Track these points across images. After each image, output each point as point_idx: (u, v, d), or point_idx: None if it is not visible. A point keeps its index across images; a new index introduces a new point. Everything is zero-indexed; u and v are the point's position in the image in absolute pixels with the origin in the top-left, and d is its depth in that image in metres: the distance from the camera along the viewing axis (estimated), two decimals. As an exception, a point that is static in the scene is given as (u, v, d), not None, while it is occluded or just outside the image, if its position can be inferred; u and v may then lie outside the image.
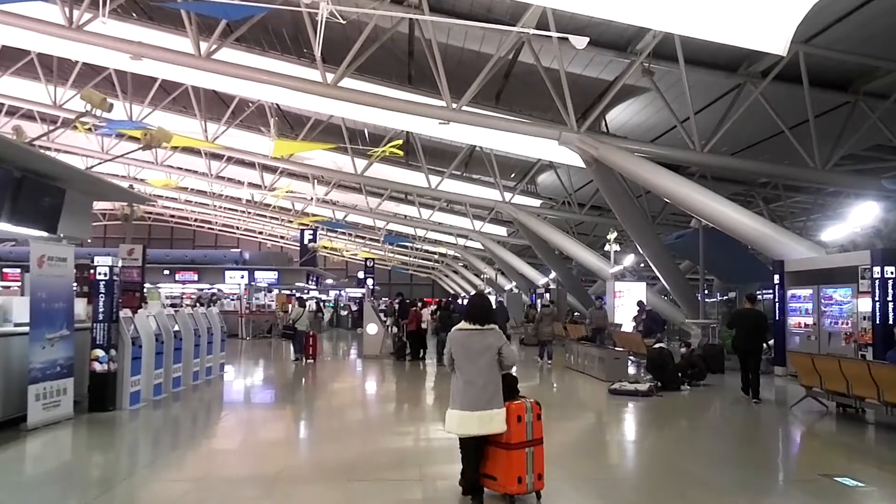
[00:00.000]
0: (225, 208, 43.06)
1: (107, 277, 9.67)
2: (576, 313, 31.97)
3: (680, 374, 13.12)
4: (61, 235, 9.93)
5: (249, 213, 42.80)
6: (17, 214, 8.79)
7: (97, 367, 9.43)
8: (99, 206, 56.59)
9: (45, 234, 9.53)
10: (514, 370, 7.57)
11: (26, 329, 8.42)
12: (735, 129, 15.56)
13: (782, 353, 14.49)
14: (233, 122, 23.09)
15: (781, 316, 14.89)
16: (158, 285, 27.64)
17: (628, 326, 20.02)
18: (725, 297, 24.84)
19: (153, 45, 14.58)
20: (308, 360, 17.72)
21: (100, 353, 9.45)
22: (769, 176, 21.23)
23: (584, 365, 15.49)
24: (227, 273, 32.17)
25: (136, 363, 10.06)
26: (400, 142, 20.81)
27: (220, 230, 58.29)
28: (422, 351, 19.15)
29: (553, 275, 31.58)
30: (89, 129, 24.08)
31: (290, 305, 24.82)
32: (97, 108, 8.84)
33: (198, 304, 22.07)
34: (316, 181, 31.00)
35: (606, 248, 23.13)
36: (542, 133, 15.81)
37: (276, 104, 22.58)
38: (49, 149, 26.29)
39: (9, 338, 8.54)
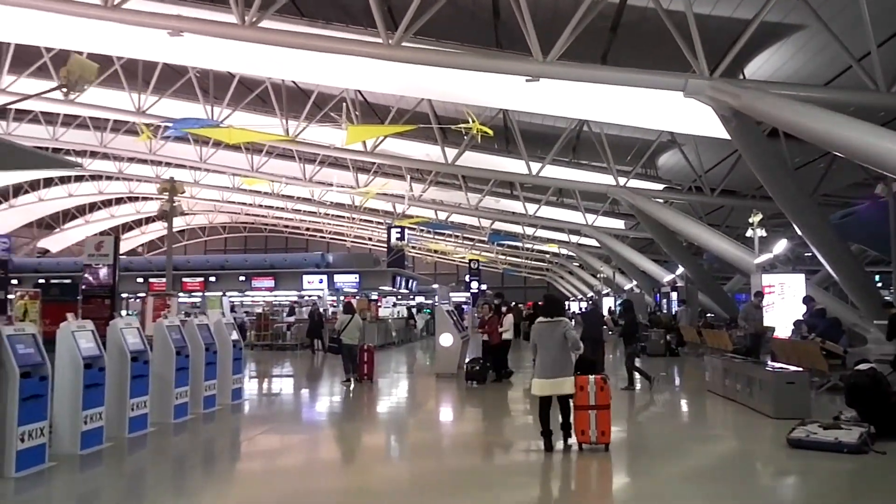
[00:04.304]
0: (321, 213, 42.22)
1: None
2: (708, 314, 28.17)
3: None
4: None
5: (348, 217, 41.84)
6: None
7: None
8: (219, 219, 58.55)
9: None
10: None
11: None
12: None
13: None
14: (313, 119, 21.46)
15: None
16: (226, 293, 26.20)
17: (784, 330, 16.09)
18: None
19: (193, 17, 12.86)
20: (359, 382, 14.30)
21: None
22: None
23: (735, 389, 11.26)
24: (305, 277, 30.26)
25: (93, 393, 7.73)
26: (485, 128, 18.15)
27: (309, 236, 58.00)
28: (504, 369, 15.11)
29: (680, 270, 27.83)
30: (153, 134, 23.10)
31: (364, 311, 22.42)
32: (82, 82, 6.67)
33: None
34: (411, 178, 28.99)
35: (748, 233, 19.26)
36: (661, 84, 12.52)
37: (358, 91, 20.67)
38: None
39: None
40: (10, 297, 9.01)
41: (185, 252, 58.64)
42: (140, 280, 29.43)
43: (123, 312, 24.20)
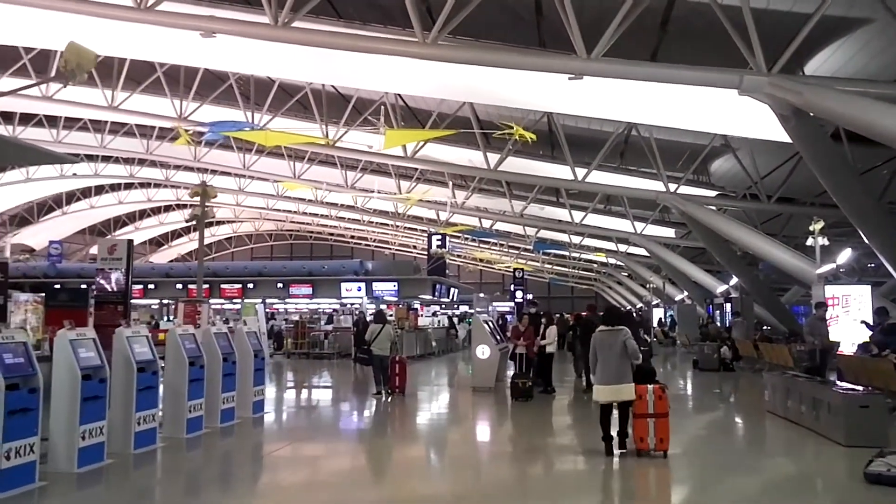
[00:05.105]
0: (364, 221, 42.11)
1: None
2: (765, 327, 26.87)
3: None
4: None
5: (392, 224, 41.66)
6: None
7: None
8: (266, 226, 59.21)
9: None
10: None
11: None
12: None
13: None
14: (353, 124, 21.17)
15: None
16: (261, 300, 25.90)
17: (848, 346, 14.93)
18: None
19: (225, 17, 12.61)
20: (390, 395, 13.59)
21: None
22: None
23: (799, 412, 10.20)
24: (343, 285, 29.81)
25: (92, 407, 7.24)
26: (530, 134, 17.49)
27: (354, 244, 57.99)
28: (549, 386, 14.14)
29: (734, 281, 26.62)
30: (192, 140, 23.13)
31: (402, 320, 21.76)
32: (80, 70, 6.29)
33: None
34: (454, 185, 28.49)
35: (808, 242, 18.11)
36: (714, 81, 11.69)
37: (398, 95, 20.27)
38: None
39: None
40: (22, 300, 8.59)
41: (232, 259, 59.35)
42: (179, 286, 29.55)
43: (164, 319, 24.28)
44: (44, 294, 8.90)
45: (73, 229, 46.38)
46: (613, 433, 8.31)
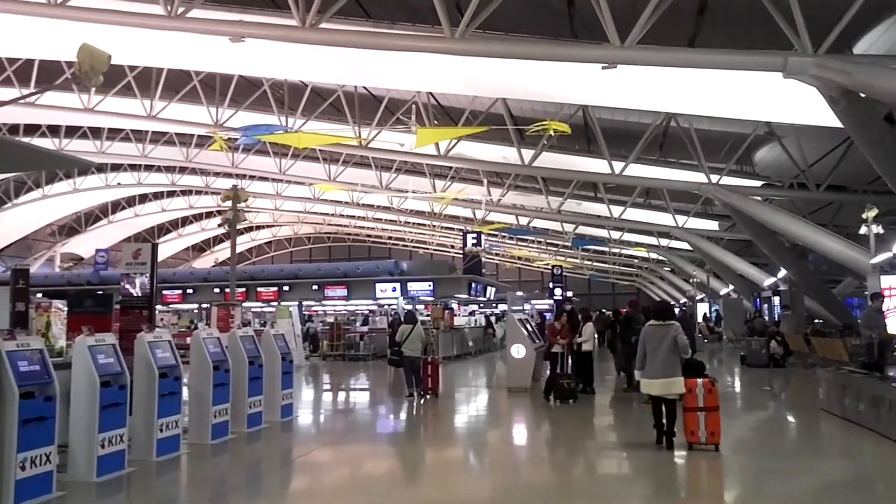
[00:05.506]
0: (401, 221, 42.10)
1: None
2: (816, 320, 25.96)
3: None
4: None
5: (428, 224, 41.58)
6: None
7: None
8: (304, 229, 59.77)
9: None
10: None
11: None
12: None
13: None
14: (386, 124, 21.09)
15: None
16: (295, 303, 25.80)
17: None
18: None
19: (254, 21, 12.58)
20: (424, 398, 13.32)
21: None
22: None
23: (857, 410, 9.63)
24: (378, 286, 29.57)
25: (112, 414, 7.08)
26: (567, 127, 17.12)
27: (392, 244, 58.02)
28: (589, 385, 13.58)
29: (783, 273, 25.79)
30: (227, 145, 23.34)
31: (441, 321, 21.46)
32: (94, 72, 6.22)
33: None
34: (489, 182, 28.22)
35: (862, 231, 17.36)
36: (757, 64, 11.20)
37: (430, 94, 20.09)
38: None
39: None
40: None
41: (272, 262, 59.99)
42: (217, 290, 29.85)
43: (203, 323, 24.52)
44: (65, 300, 8.83)
45: (119, 237, 47.42)
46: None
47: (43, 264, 45.78)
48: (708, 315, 39.26)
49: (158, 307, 33.09)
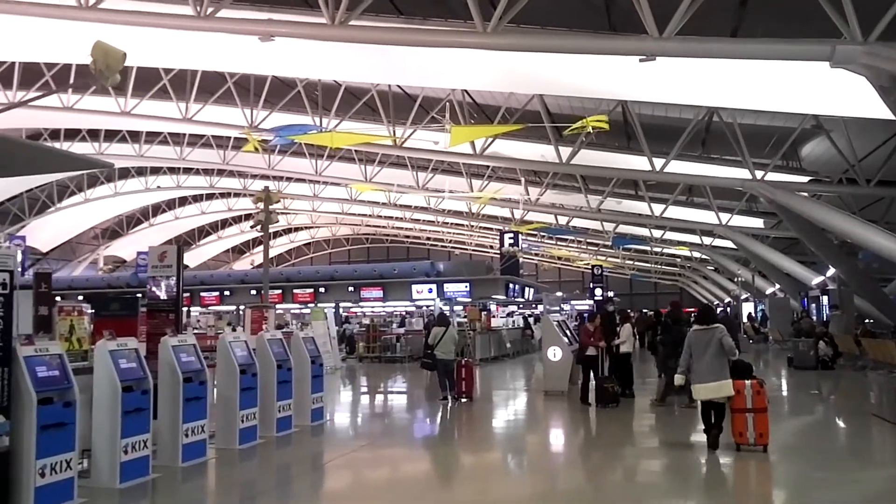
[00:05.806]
0: (439, 222, 41.95)
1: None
2: (867, 321, 25.02)
3: None
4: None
5: (466, 225, 41.35)
6: None
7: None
8: (342, 231, 60.13)
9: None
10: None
11: None
12: None
13: None
14: (420, 123, 20.90)
15: None
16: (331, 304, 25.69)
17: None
18: None
19: (283, 20, 12.52)
20: (459, 401, 13.09)
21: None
22: None
23: None
24: (414, 287, 29.34)
25: (135, 419, 6.98)
26: (604, 117, 16.67)
27: (430, 245, 57.90)
28: (628, 388, 13.25)
29: (831, 272, 24.93)
30: (260, 146, 23.44)
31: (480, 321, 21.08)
32: (109, 71, 6.11)
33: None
34: (527, 181, 27.84)
35: (917, 228, 16.64)
36: (802, 53, 10.67)
37: (465, 92, 19.83)
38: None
39: None
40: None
41: (311, 264, 60.47)
42: (253, 292, 30.09)
43: (240, 325, 24.65)
44: (89, 303, 8.81)
45: (160, 240, 48.15)
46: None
47: (87, 267, 46.83)
48: (753, 315, 38.28)
49: (197, 309, 33.63)
